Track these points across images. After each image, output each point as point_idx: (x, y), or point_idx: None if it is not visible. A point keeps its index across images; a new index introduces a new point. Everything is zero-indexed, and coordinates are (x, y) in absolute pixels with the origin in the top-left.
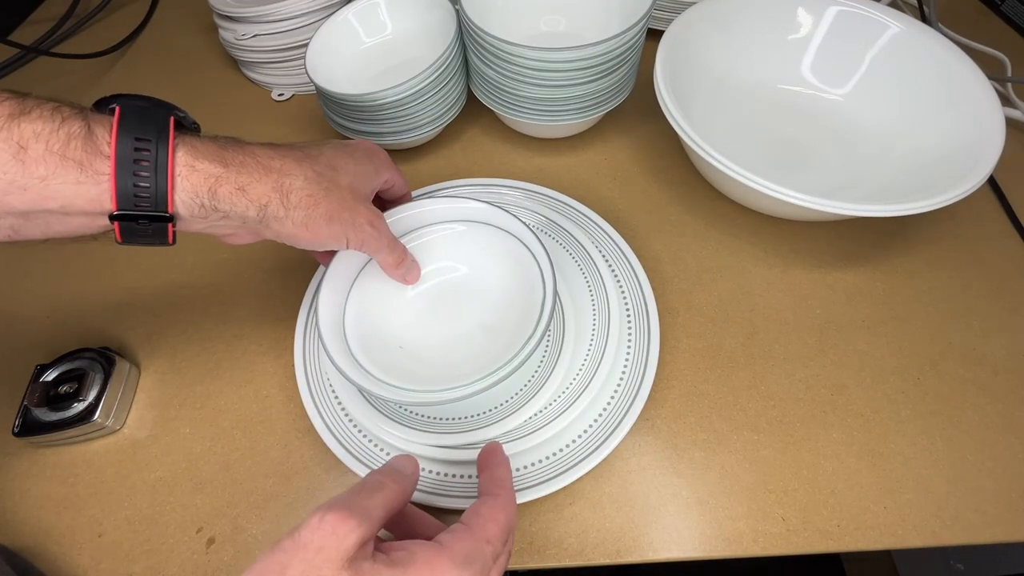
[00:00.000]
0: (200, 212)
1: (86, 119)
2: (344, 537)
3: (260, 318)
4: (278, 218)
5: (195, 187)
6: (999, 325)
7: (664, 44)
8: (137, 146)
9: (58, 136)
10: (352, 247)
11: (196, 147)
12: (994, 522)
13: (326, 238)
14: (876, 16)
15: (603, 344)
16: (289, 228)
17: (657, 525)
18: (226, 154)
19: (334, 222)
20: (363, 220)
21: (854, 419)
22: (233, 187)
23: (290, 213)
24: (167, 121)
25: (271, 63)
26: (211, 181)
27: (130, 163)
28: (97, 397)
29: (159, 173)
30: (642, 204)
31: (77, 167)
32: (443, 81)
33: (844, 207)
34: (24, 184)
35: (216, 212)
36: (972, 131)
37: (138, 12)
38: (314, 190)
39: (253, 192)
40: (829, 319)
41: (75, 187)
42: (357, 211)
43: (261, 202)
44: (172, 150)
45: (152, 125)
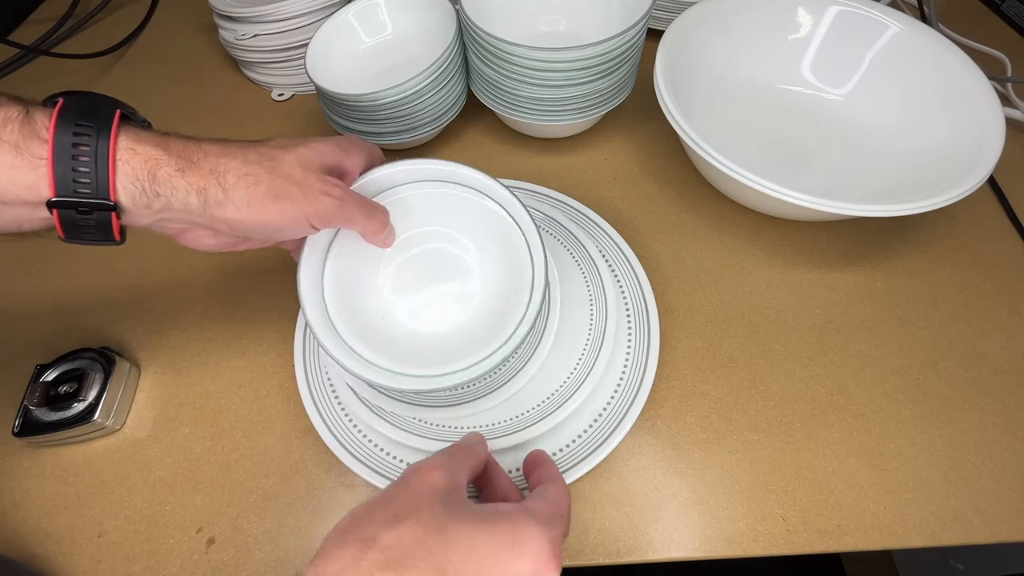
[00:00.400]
0: (142, 199)
1: (26, 106)
2: (437, 480)
3: (260, 318)
4: (219, 202)
5: (135, 171)
6: (999, 325)
7: (664, 44)
8: (77, 131)
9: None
10: (317, 224)
11: (139, 134)
12: (994, 522)
13: (277, 219)
14: (876, 16)
15: (599, 340)
16: (232, 212)
17: (657, 525)
18: (168, 141)
19: (281, 199)
20: (316, 191)
21: (854, 419)
22: (172, 169)
23: (229, 195)
24: (112, 112)
25: (271, 63)
26: (151, 164)
27: (68, 147)
28: (97, 397)
29: (99, 158)
30: (642, 204)
31: (12, 149)
32: (443, 81)
33: (844, 207)
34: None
35: (158, 198)
36: (972, 131)
37: (138, 12)
38: (253, 169)
39: (191, 175)
40: (829, 319)
41: (10, 171)
42: (308, 184)
43: (199, 185)
44: (115, 134)
45: (95, 113)
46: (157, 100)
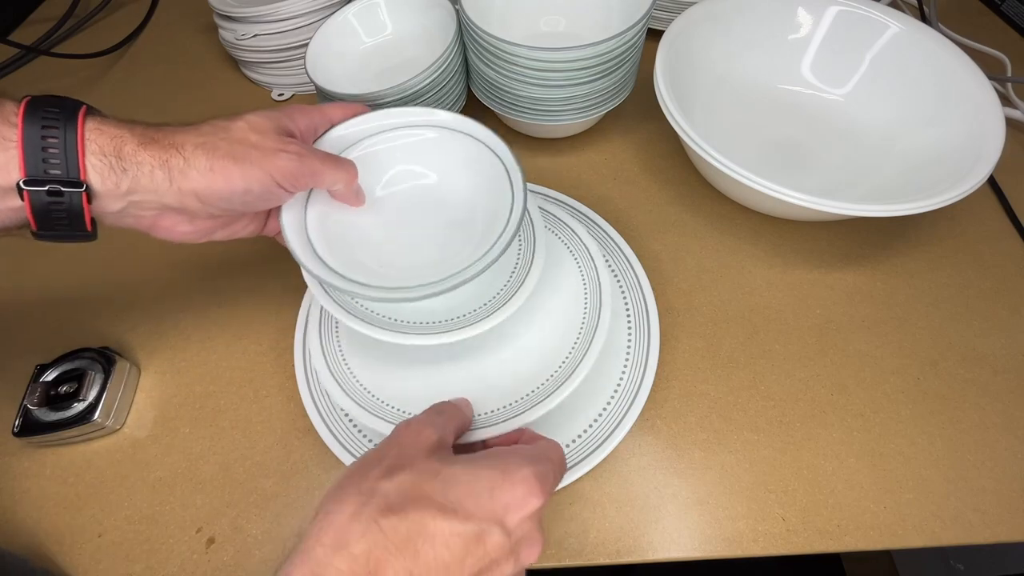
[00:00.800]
0: (111, 178)
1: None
2: (428, 436)
3: (260, 318)
4: (182, 170)
5: (102, 148)
6: (999, 325)
7: (664, 44)
8: (46, 114)
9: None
10: (283, 182)
11: (104, 119)
12: (994, 522)
13: (242, 181)
14: (876, 16)
15: (593, 326)
16: (196, 179)
17: (657, 525)
18: (132, 124)
19: (241, 161)
20: (274, 149)
21: (854, 419)
22: (135, 144)
23: (191, 163)
24: (78, 104)
25: (271, 63)
26: (116, 141)
27: (38, 129)
28: (97, 397)
29: (68, 137)
30: (642, 204)
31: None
32: (443, 81)
33: (844, 207)
34: None
35: (125, 174)
36: (972, 131)
37: (138, 12)
38: (207, 139)
39: (153, 148)
40: (829, 319)
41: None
42: (264, 145)
43: (162, 157)
44: (82, 117)
45: (62, 103)
46: (157, 100)
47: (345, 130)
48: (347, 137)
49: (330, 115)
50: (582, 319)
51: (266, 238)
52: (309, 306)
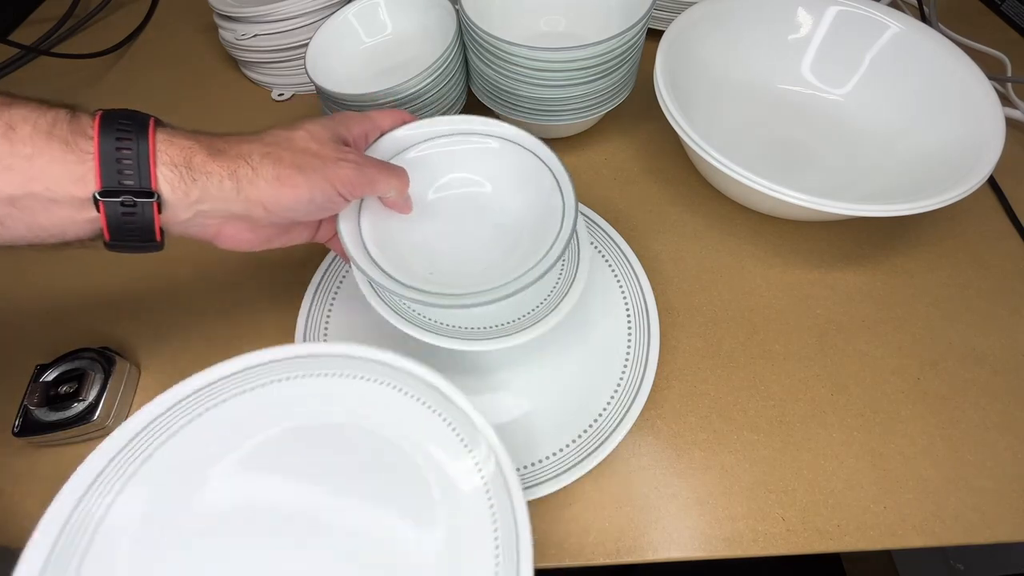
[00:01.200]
0: (181, 187)
1: (71, 110)
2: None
3: (260, 318)
4: (250, 180)
5: (172, 158)
6: (999, 325)
7: (664, 44)
8: (120, 126)
9: (45, 118)
10: (343, 191)
11: (172, 130)
12: (994, 522)
13: (307, 190)
14: (876, 16)
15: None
16: (264, 188)
17: (657, 525)
18: (197, 135)
19: (306, 170)
20: (334, 159)
21: (854, 419)
22: (205, 155)
23: (259, 172)
24: (147, 116)
25: (271, 63)
26: (186, 152)
27: (113, 141)
28: (97, 397)
29: (140, 149)
30: (642, 204)
31: (62, 144)
32: (443, 81)
33: (844, 207)
34: (9, 164)
35: (195, 184)
36: (972, 131)
37: (138, 12)
38: (272, 149)
39: (222, 159)
40: (829, 319)
41: (61, 166)
42: (325, 154)
43: (231, 168)
44: (152, 129)
45: (133, 116)
46: (157, 100)
47: (400, 134)
48: (401, 141)
49: (380, 123)
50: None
51: None
52: (310, 306)
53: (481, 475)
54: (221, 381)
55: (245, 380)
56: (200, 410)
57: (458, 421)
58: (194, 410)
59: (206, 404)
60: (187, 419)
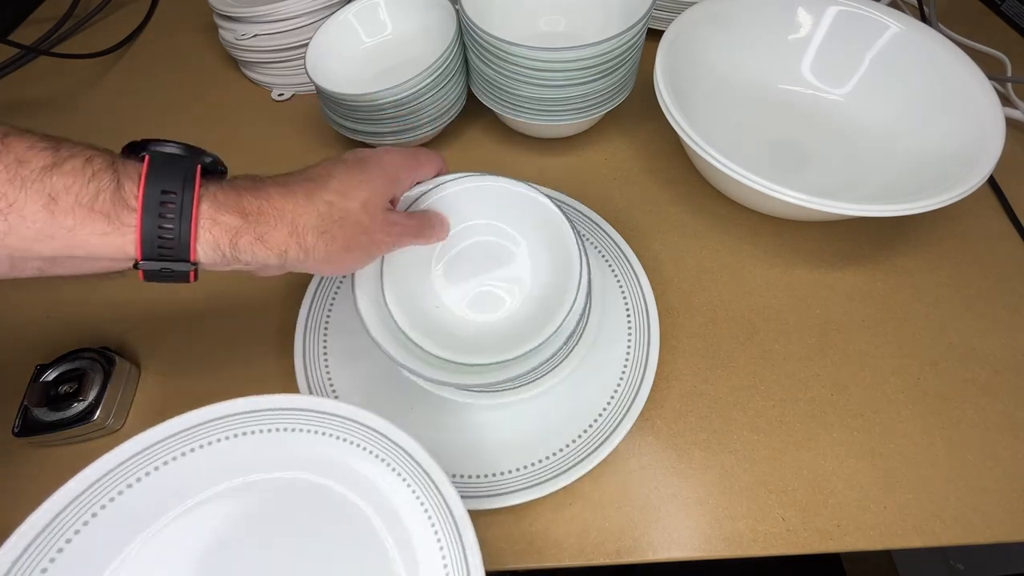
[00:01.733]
0: (222, 261)
1: (116, 172)
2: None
3: (260, 318)
4: (300, 261)
5: (216, 239)
6: (999, 325)
7: (664, 44)
8: (163, 200)
9: (88, 190)
10: (378, 255)
11: (218, 199)
12: (994, 522)
13: (350, 264)
14: (876, 16)
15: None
16: (312, 266)
17: (657, 525)
18: (244, 204)
19: (353, 249)
20: (379, 235)
21: (854, 419)
22: (252, 237)
23: (310, 254)
24: (194, 171)
25: (271, 63)
26: (231, 233)
27: (155, 217)
28: (97, 397)
29: (183, 225)
30: (642, 204)
31: (104, 219)
32: (443, 81)
33: (844, 207)
34: (52, 233)
35: (238, 261)
36: (972, 131)
37: (138, 12)
38: (328, 226)
39: (271, 240)
40: (829, 319)
41: (101, 238)
42: (373, 230)
43: (280, 249)
44: (196, 204)
45: (179, 175)
46: (157, 100)
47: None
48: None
49: (425, 171)
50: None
51: None
52: (309, 306)
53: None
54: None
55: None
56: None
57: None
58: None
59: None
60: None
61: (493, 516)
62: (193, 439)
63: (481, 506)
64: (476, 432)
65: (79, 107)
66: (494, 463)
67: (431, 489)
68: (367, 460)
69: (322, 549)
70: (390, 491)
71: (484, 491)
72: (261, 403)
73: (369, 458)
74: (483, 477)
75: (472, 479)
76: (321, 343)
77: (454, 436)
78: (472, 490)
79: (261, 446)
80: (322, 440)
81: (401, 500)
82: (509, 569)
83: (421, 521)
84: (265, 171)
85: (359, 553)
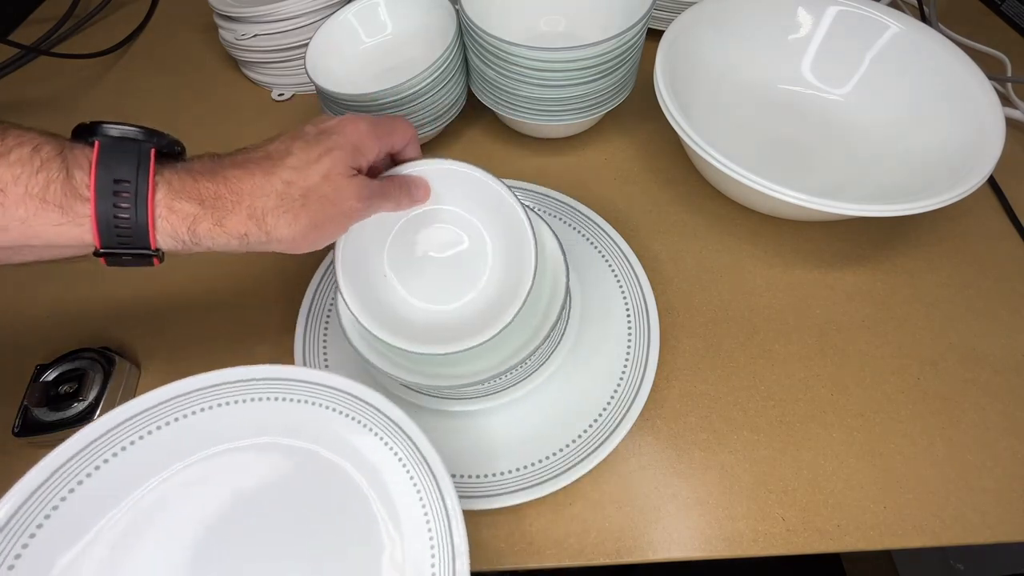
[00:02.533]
0: (183, 248)
1: (65, 161)
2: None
3: (260, 318)
4: (262, 242)
5: (174, 227)
6: (999, 325)
7: (664, 44)
8: (116, 189)
9: (37, 180)
10: (351, 224)
11: (173, 186)
12: (994, 522)
13: (325, 239)
14: (876, 16)
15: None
16: (278, 247)
17: (657, 525)
18: (201, 189)
19: (322, 225)
20: (350, 202)
21: (854, 419)
22: (211, 223)
23: (272, 235)
24: (147, 155)
25: (271, 63)
26: (189, 221)
27: (110, 207)
28: (97, 397)
29: (139, 214)
30: (642, 204)
31: (57, 210)
32: (443, 81)
33: (844, 207)
34: (5, 225)
35: (198, 246)
36: (972, 131)
37: (138, 12)
38: (288, 205)
39: (230, 224)
40: (829, 319)
41: (56, 228)
42: (340, 199)
43: (239, 232)
44: (152, 192)
45: (131, 161)
46: (157, 100)
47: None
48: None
49: (393, 141)
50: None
51: None
52: (310, 306)
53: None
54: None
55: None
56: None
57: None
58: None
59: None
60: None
61: (493, 516)
62: (187, 405)
63: (481, 506)
64: (477, 432)
65: (79, 107)
66: (494, 463)
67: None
68: (345, 423)
69: (301, 500)
70: (366, 449)
71: (484, 491)
72: (253, 372)
73: (346, 421)
74: (483, 477)
75: (472, 479)
76: (321, 343)
77: (454, 436)
78: (472, 490)
79: (245, 414)
80: (299, 407)
81: (372, 451)
82: (509, 569)
83: (395, 467)
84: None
85: (341, 504)
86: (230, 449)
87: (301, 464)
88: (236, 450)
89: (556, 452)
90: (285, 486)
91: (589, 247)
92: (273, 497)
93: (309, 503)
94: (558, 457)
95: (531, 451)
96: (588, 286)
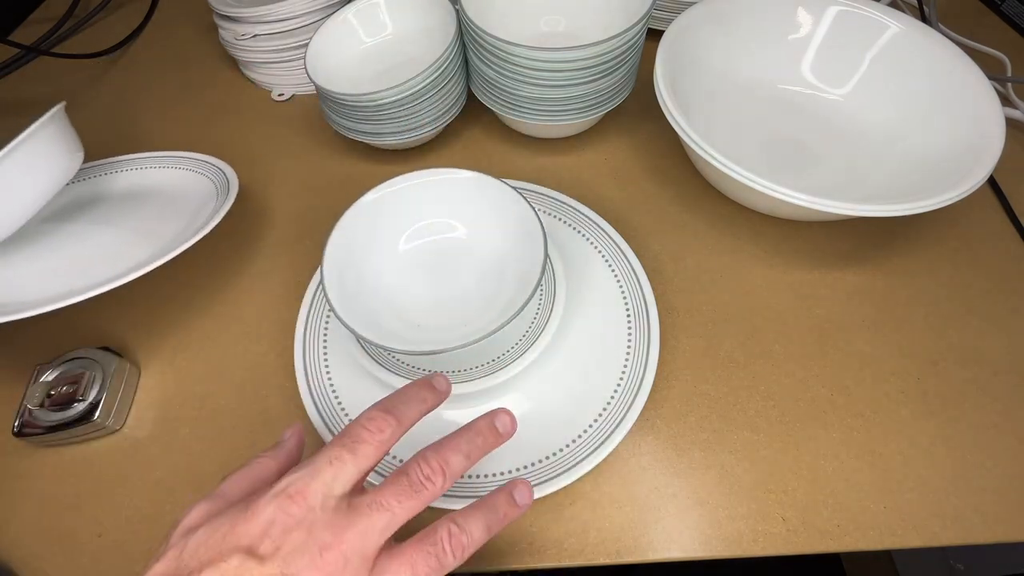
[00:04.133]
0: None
1: None
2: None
3: (260, 318)
4: None
5: None
6: (999, 325)
7: (664, 44)
8: None
9: None
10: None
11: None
12: (994, 522)
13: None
14: (876, 16)
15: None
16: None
17: (657, 525)
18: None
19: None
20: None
21: (854, 419)
22: None
23: None
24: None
25: (271, 63)
26: None
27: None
28: (97, 397)
29: None
30: (642, 204)
31: None
32: (443, 81)
33: (844, 207)
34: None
35: None
36: (972, 131)
37: (138, 12)
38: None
39: None
40: (829, 319)
41: None
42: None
43: None
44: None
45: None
46: (157, 100)
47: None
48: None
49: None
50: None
51: (268, 240)
52: (310, 306)
53: None
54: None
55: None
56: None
57: None
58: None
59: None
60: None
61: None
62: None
63: None
64: None
65: (79, 107)
66: (494, 463)
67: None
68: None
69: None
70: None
71: (484, 491)
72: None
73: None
74: (483, 477)
75: (472, 479)
76: (321, 342)
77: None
78: (472, 490)
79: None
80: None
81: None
82: (509, 569)
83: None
84: (264, 170)
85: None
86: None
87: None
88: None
89: (556, 452)
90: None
91: (589, 247)
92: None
93: None
94: (558, 457)
95: (531, 451)
96: (587, 286)
